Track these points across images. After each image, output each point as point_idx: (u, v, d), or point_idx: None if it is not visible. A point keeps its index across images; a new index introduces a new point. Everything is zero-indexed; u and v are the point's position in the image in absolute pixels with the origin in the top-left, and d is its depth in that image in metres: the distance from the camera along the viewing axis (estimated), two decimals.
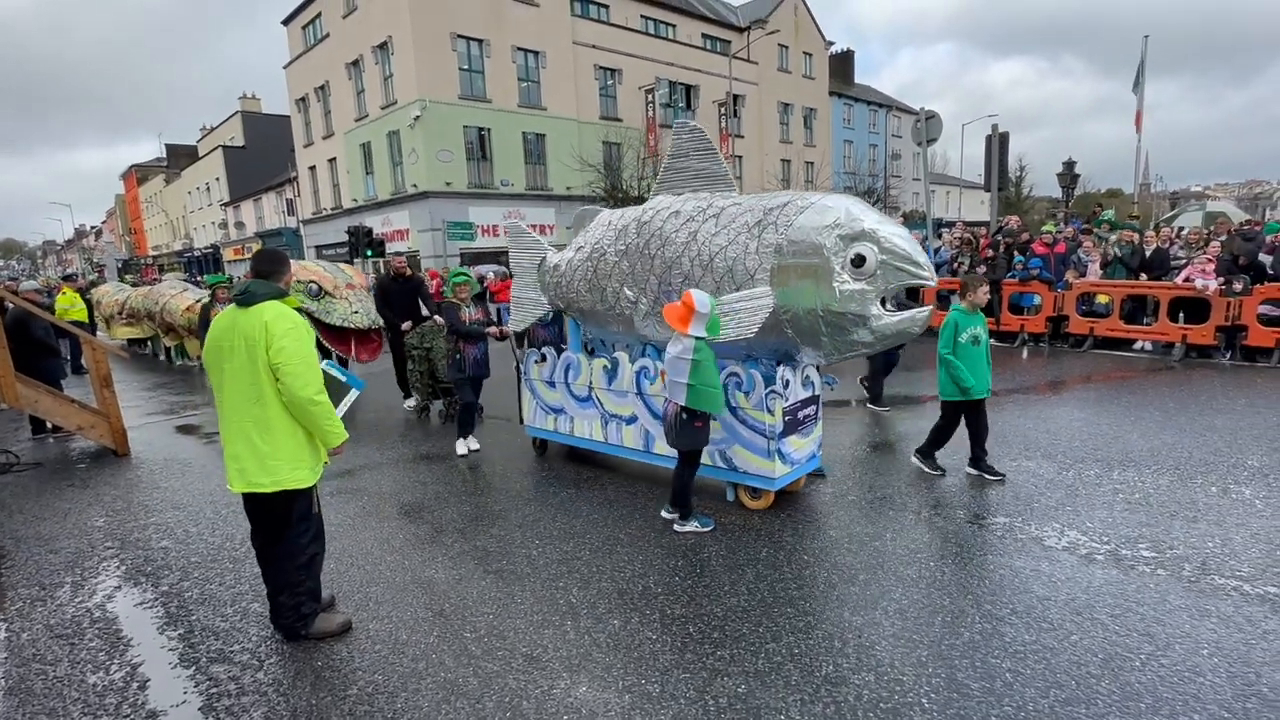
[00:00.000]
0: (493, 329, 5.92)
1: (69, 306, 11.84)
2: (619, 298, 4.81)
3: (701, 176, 4.55)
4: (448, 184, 23.67)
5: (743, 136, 32.79)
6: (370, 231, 20.36)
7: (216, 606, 3.50)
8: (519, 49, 24.86)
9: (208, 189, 44.57)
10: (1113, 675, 2.62)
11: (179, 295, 12.44)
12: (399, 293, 7.79)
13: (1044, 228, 11.56)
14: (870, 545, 3.86)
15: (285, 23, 30.03)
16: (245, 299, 2.95)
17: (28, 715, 2.70)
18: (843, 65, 44.00)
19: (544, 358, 5.55)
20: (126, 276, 26.85)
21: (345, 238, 21.05)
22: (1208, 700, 2.46)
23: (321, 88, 28.30)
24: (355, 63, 25.60)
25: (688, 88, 30.66)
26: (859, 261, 3.70)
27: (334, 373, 3.28)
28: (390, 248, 21.94)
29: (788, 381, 4.27)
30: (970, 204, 47.69)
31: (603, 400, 5.16)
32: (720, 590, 3.43)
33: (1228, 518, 4.02)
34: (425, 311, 7.95)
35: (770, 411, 4.17)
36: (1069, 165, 19.75)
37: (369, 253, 19.13)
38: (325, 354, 8.52)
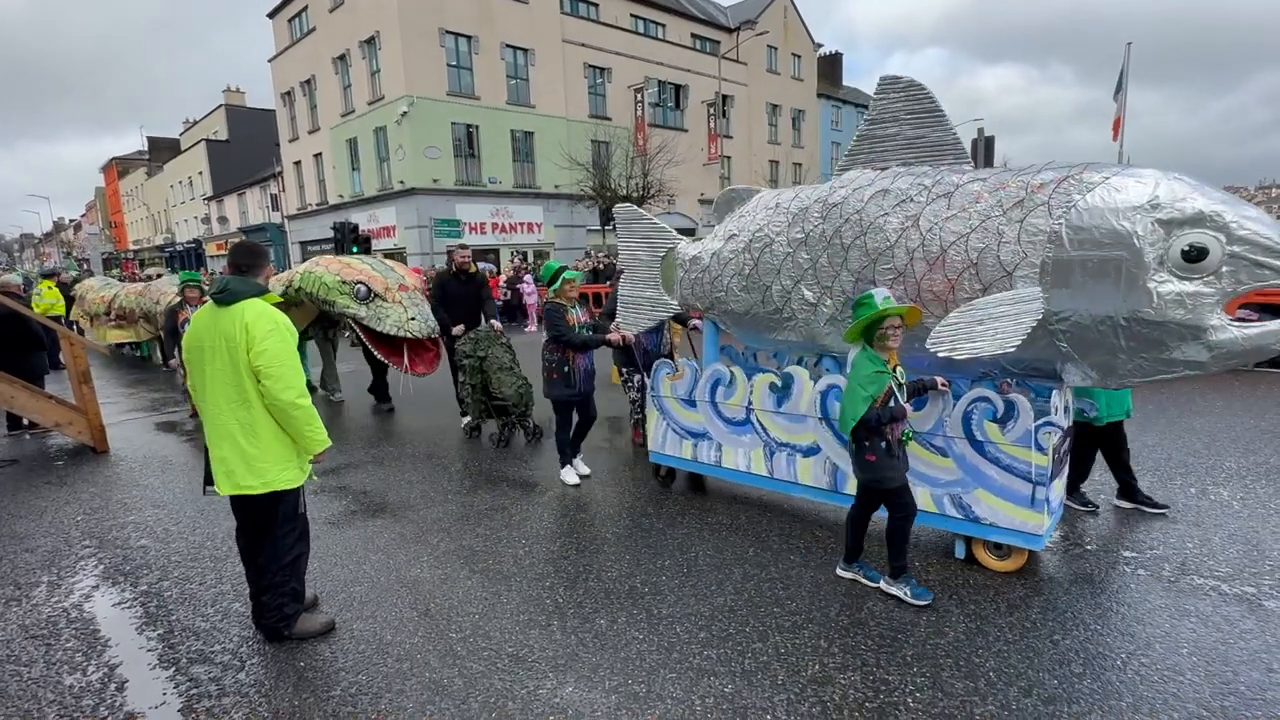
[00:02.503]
0: (613, 334, 4.93)
1: (54, 303, 11.66)
2: (791, 298, 3.98)
3: (917, 146, 3.61)
4: (435, 181, 23.52)
5: (731, 137, 32.88)
6: (356, 228, 20.17)
7: (197, 606, 3.45)
8: (508, 46, 24.75)
9: (190, 183, 43.99)
10: (1094, 674, 2.64)
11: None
12: (461, 291, 6.76)
13: None
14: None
15: (271, 15, 29.68)
16: (224, 297, 2.86)
17: (3, 717, 2.64)
18: (831, 67, 44.24)
19: (678, 370, 4.61)
20: (113, 271, 26.38)
21: (331, 234, 20.87)
22: (1187, 699, 2.49)
23: (307, 82, 28.02)
24: (342, 57, 25.36)
25: (677, 87, 30.69)
26: (1195, 255, 2.79)
27: None
28: (377, 245, 21.78)
29: (1058, 409, 3.35)
30: None
31: (767, 425, 4.20)
32: (707, 590, 3.43)
33: (1206, 518, 4.08)
34: (485, 315, 6.93)
35: (1041, 449, 3.20)
36: None
37: (355, 249, 18.97)
38: (378, 367, 7.77)
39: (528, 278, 17.70)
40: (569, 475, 5.09)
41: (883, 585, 3.32)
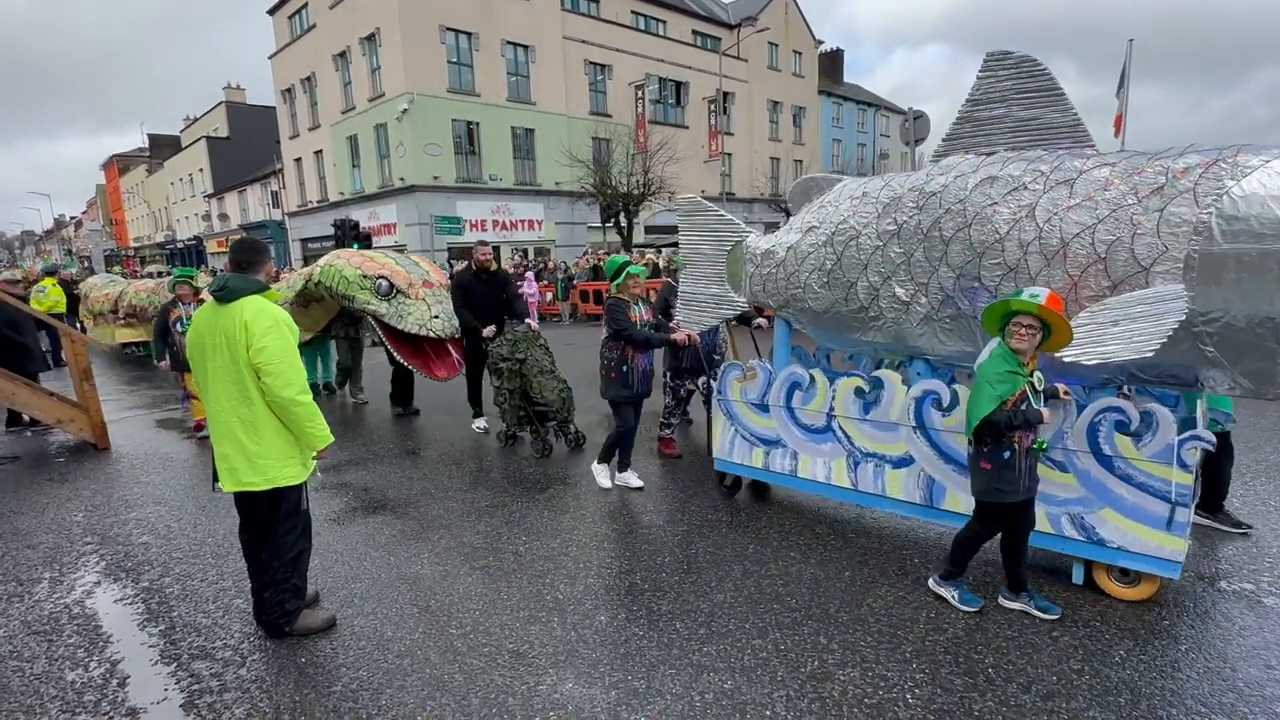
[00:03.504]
0: (677, 333, 4.63)
1: (57, 300, 11.64)
2: (879, 296, 3.63)
3: (1029, 128, 3.30)
4: (435, 178, 23.52)
5: (732, 134, 32.84)
6: (357, 225, 20.17)
7: (198, 602, 3.46)
8: (508, 43, 24.73)
9: (191, 180, 43.99)
10: (1093, 670, 2.65)
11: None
12: (483, 291, 6.32)
13: None
14: (855, 542, 3.88)
15: (271, 12, 29.66)
16: (223, 295, 2.86)
17: (4, 713, 2.66)
18: (832, 64, 44.13)
19: (752, 372, 4.30)
20: (114, 268, 26.34)
21: (331, 231, 20.87)
22: (1185, 695, 2.50)
23: (308, 79, 28.01)
24: (342, 54, 25.35)
25: (678, 84, 30.65)
26: None
27: None
28: (377, 242, 21.77)
29: (1200, 421, 3.11)
30: None
31: (852, 433, 3.89)
32: (707, 586, 3.43)
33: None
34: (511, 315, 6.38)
35: (1185, 467, 2.88)
36: None
37: (355, 246, 18.97)
38: (399, 370, 7.01)
39: (529, 275, 17.70)
40: (602, 476, 4.90)
41: (931, 583, 3.25)
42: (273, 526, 3.02)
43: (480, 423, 6.61)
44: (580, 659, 2.85)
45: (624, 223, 24.78)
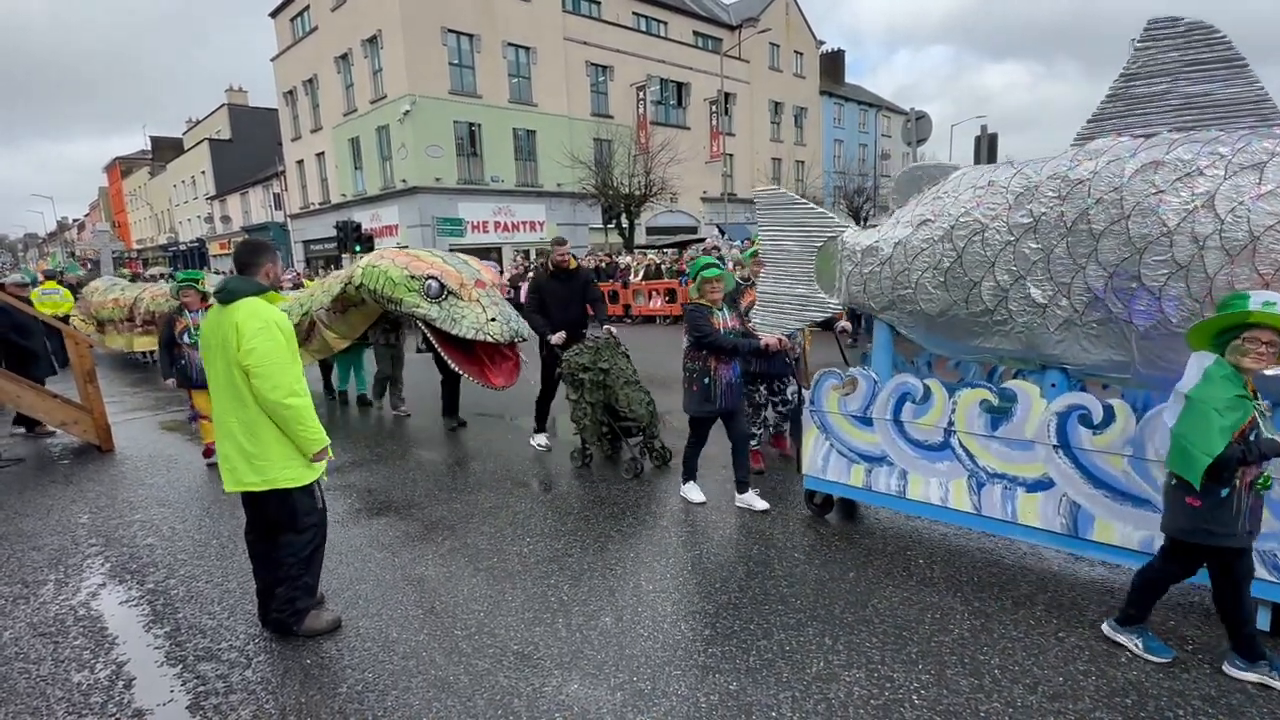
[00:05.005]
0: (769, 339, 4.16)
1: (66, 301, 11.64)
2: (1008, 298, 3.24)
3: (1199, 105, 2.88)
4: (437, 180, 23.57)
5: (734, 135, 32.86)
6: (359, 227, 20.24)
7: (203, 604, 3.46)
8: (510, 44, 24.78)
9: (193, 182, 44.11)
10: (1100, 671, 2.64)
11: None
12: (563, 293, 5.80)
13: None
14: (860, 543, 3.88)
15: (273, 15, 29.74)
16: (222, 297, 2.90)
17: (10, 715, 2.66)
18: (833, 65, 44.15)
19: (852, 382, 3.89)
20: (121, 271, 26.32)
21: (334, 233, 20.90)
22: (1191, 695, 2.49)
23: (310, 81, 28.08)
24: (344, 56, 25.41)
25: (679, 85, 30.69)
26: None
27: None
28: (379, 244, 21.79)
29: None
30: None
31: (975, 451, 3.47)
32: (712, 587, 3.43)
33: None
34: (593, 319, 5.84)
35: None
36: None
37: (358, 248, 19.00)
38: (450, 376, 6.63)
39: (530, 276, 17.71)
40: (693, 492, 4.56)
41: (1106, 629, 2.86)
42: (280, 527, 3.03)
43: (541, 439, 6.07)
44: (586, 660, 2.85)
45: (626, 224, 24.79)
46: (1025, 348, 3.33)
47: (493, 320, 5.55)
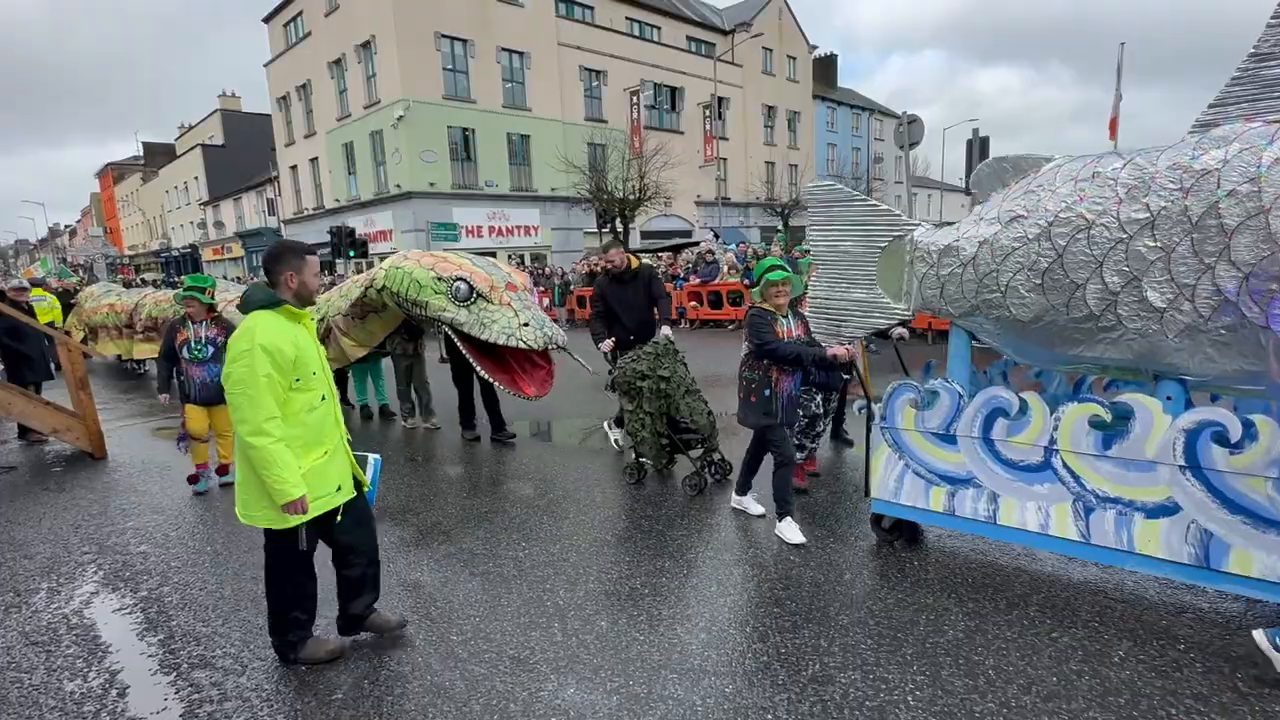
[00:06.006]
0: (837, 349, 3.76)
1: (52, 307, 11.53)
2: (1118, 302, 2.94)
3: None
4: (431, 185, 23.56)
5: (727, 139, 32.97)
6: (353, 232, 20.19)
7: (198, 611, 3.45)
8: (504, 49, 24.81)
9: (186, 188, 43.97)
10: (1093, 671, 2.66)
11: (234, 304, 9.48)
12: (626, 297, 5.46)
13: None
14: (855, 545, 3.89)
15: (266, 20, 29.71)
16: (240, 308, 2.74)
17: None
18: (826, 69, 44.39)
19: (931, 396, 3.54)
20: (115, 277, 26.23)
21: (328, 238, 20.86)
22: (1184, 694, 2.51)
23: (303, 86, 28.05)
24: (338, 61, 25.40)
25: (672, 89, 30.79)
26: None
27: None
28: (373, 249, 21.75)
29: None
30: (951, 207, 48.35)
31: (1082, 472, 3.14)
32: (708, 591, 3.44)
33: None
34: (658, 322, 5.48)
35: None
36: None
37: (351, 254, 18.97)
38: (465, 386, 6.37)
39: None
40: (789, 530, 3.98)
41: (1259, 638, 2.61)
42: (269, 562, 2.88)
43: (619, 433, 5.76)
44: (581, 664, 2.85)
45: (620, 228, 24.83)
46: (1136, 357, 3.00)
47: (526, 325, 5.27)
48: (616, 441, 5.75)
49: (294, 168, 30.40)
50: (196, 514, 4.85)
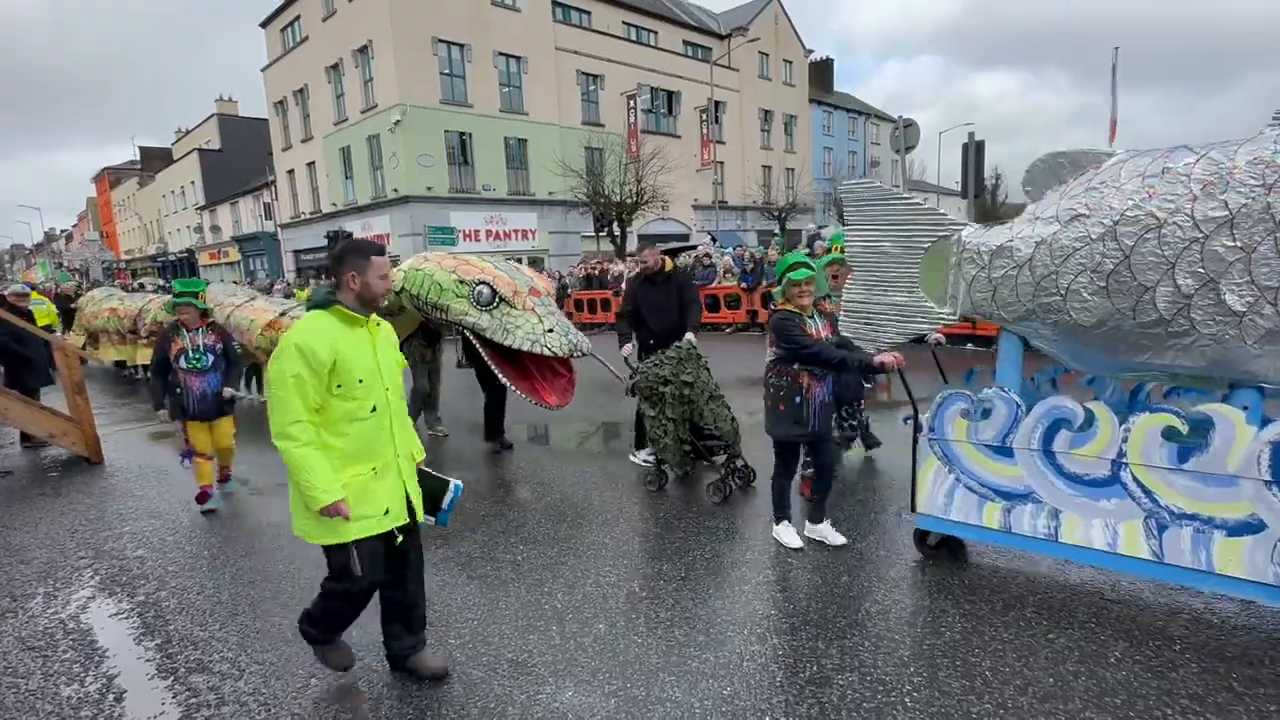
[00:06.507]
0: (885, 356, 3.44)
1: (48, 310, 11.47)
2: (1192, 305, 2.79)
3: None
4: (429, 189, 23.57)
5: (724, 143, 33.05)
6: (350, 236, 20.20)
7: (195, 615, 3.45)
8: (501, 54, 24.86)
9: (183, 192, 43.92)
10: (1090, 672, 2.67)
11: (249, 306, 8.29)
12: (657, 299, 5.36)
13: None
14: (853, 548, 3.90)
15: (263, 25, 29.73)
16: (307, 306, 2.61)
17: None
18: (822, 73, 44.55)
19: (985, 406, 3.34)
20: (113, 281, 26.15)
21: (324, 242, 20.86)
22: (1179, 694, 2.52)
23: (300, 91, 28.06)
24: (335, 66, 25.42)
25: (669, 94, 30.86)
26: None
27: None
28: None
29: None
30: (947, 210, 48.53)
31: (1155, 487, 2.96)
32: (705, 593, 3.44)
33: None
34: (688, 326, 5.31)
35: None
36: None
37: None
38: (495, 394, 6.10)
39: None
40: (787, 534, 3.93)
41: None
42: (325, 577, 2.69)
43: (645, 454, 5.49)
44: (580, 667, 2.85)
45: (617, 232, 24.86)
46: (1210, 364, 2.85)
47: (550, 331, 5.12)
48: (646, 461, 5.47)
49: (291, 172, 30.38)
50: (193, 518, 4.85)
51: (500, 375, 5.28)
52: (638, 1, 31.68)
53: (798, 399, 3.70)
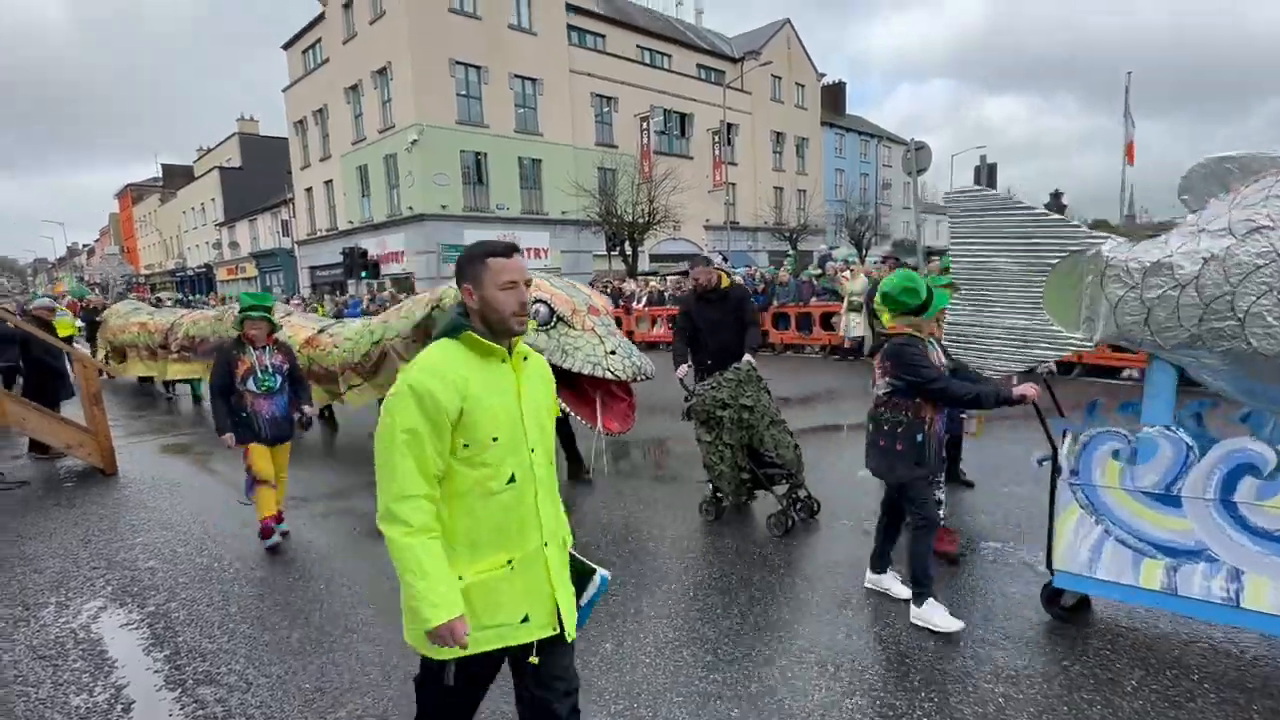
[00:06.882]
0: (1025, 388, 3.07)
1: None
2: None
3: None
4: (443, 207, 23.84)
5: (736, 164, 33.27)
6: (365, 253, 20.48)
7: (204, 628, 3.46)
8: (516, 76, 25.25)
9: (203, 209, 44.70)
10: (1105, 701, 2.62)
11: (285, 323, 7.56)
12: (714, 317, 4.95)
13: None
14: (863, 570, 3.86)
15: (285, 47, 30.43)
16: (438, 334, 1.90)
17: None
18: (834, 96, 44.88)
19: (1144, 446, 2.91)
20: (132, 295, 26.53)
21: (340, 259, 21.13)
22: None
23: (320, 111, 28.60)
24: (354, 87, 25.91)
25: (682, 116, 31.16)
26: None
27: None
28: (385, 270, 22.02)
29: None
30: None
31: None
32: (714, 614, 3.42)
33: None
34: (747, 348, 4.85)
35: None
36: (1055, 195, 20.21)
37: (364, 274, 19.18)
38: (559, 421, 5.09)
39: None
40: (938, 616, 3.18)
41: None
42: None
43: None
44: (587, 686, 2.82)
45: (629, 251, 25.01)
46: None
47: (612, 353, 4.79)
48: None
49: (309, 190, 30.87)
50: (205, 530, 4.88)
51: (559, 401, 4.63)
52: (652, 25, 32.18)
53: (919, 436, 3.23)
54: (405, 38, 22.51)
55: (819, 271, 14.33)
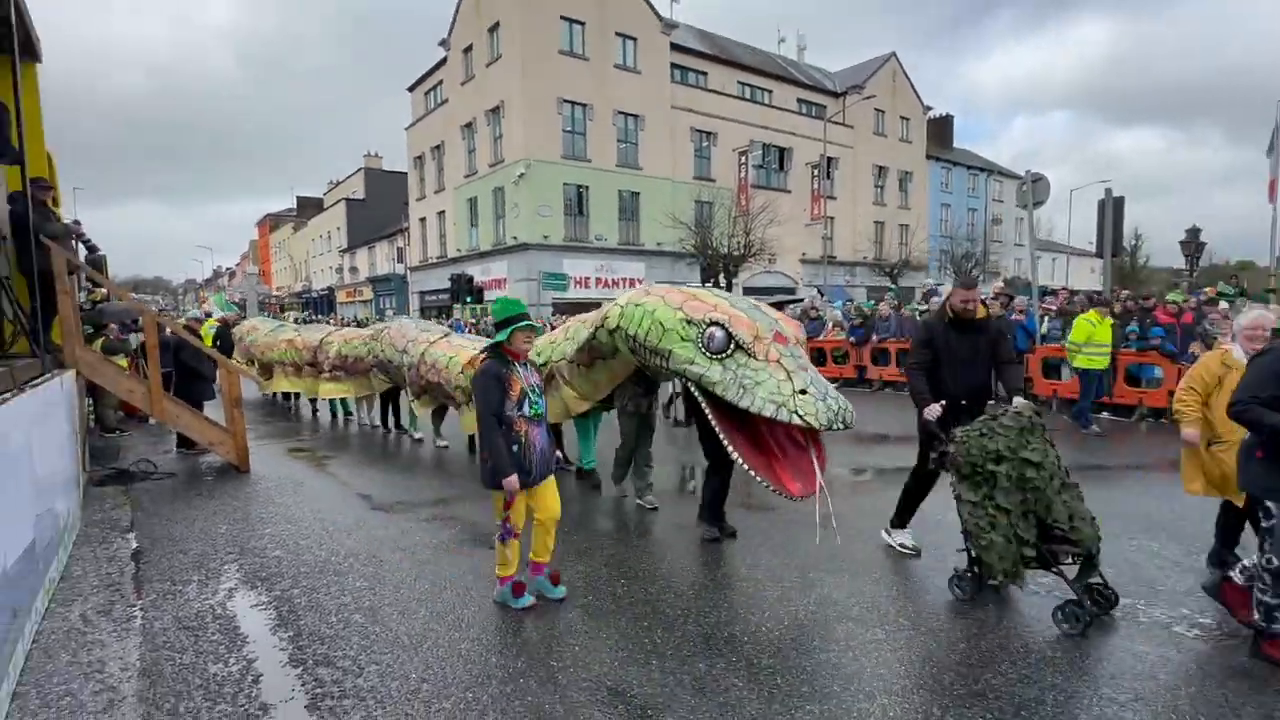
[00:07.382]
0: None
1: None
2: None
3: None
4: (545, 237, 24.84)
5: (835, 198, 32.81)
6: (471, 279, 21.58)
7: (322, 614, 3.71)
8: (619, 112, 26.17)
9: (328, 236, 48.70)
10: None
11: (444, 343, 7.60)
12: (964, 350, 4.21)
13: (1169, 296, 10.89)
14: (971, 615, 3.64)
15: (410, 89, 32.98)
16: None
17: (158, 694, 2.95)
18: (941, 129, 43.54)
19: None
20: (268, 313, 29.11)
21: (448, 284, 22.37)
22: None
23: (437, 147, 30.69)
24: (469, 125, 27.67)
25: (781, 150, 31.17)
26: None
27: None
28: (487, 295, 23.08)
29: None
30: (1079, 271, 45.43)
31: None
32: (809, 644, 3.33)
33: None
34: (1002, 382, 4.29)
35: None
36: (1193, 233, 18.55)
37: (469, 299, 20.19)
38: (721, 466, 4.72)
39: None
40: None
41: None
42: None
43: (906, 538, 4.52)
44: (679, 704, 2.82)
45: (724, 282, 25.05)
46: None
47: (802, 393, 3.80)
48: (903, 545, 4.52)
49: (423, 220, 33.02)
50: (324, 528, 5.24)
51: (730, 446, 3.99)
52: (753, 62, 32.54)
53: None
54: (518, 78, 23.88)
55: (923, 307, 13.81)
